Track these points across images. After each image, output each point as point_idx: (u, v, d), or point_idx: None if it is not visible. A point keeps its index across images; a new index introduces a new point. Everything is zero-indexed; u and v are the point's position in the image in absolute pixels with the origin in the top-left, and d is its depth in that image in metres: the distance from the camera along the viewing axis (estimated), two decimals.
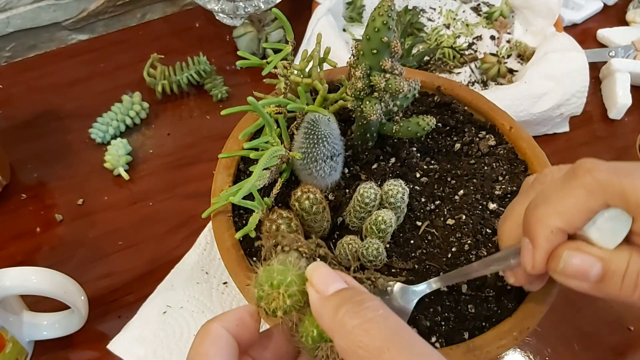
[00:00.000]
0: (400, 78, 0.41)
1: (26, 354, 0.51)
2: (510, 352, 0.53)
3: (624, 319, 0.55)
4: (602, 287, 0.29)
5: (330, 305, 0.25)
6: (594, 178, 0.29)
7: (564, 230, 0.30)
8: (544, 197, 0.31)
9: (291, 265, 0.28)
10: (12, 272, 0.45)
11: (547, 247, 0.31)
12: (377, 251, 0.39)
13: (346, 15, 0.84)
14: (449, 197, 0.46)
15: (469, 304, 0.40)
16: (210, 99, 0.75)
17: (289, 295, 0.27)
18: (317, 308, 0.26)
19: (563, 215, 0.30)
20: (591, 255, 0.29)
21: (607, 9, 0.90)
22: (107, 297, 0.56)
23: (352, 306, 0.25)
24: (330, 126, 0.41)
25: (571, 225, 0.30)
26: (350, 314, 0.24)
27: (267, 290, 0.27)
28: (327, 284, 0.26)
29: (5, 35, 0.82)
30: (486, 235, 0.44)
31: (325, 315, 0.25)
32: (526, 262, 0.32)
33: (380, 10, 0.39)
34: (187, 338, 0.51)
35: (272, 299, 0.27)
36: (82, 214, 0.63)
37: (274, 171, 0.43)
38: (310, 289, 0.27)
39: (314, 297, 0.26)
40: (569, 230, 0.30)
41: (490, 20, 0.84)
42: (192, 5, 0.92)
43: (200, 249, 0.58)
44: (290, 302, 0.27)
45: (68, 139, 0.70)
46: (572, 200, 0.30)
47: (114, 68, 0.80)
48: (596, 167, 0.29)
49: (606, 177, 0.29)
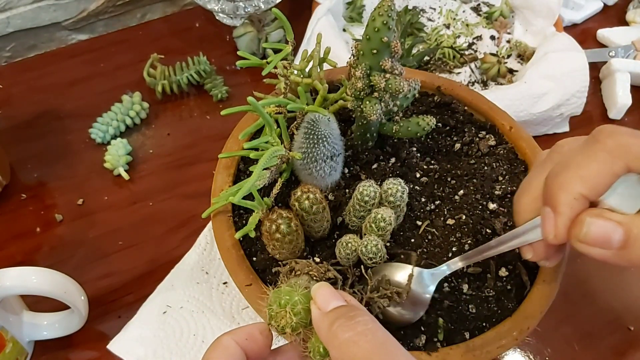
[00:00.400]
0: (400, 78, 0.41)
1: (26, 354, 0.51)
2: (510, 352, 0.53)
3: (624, 319, 0.55)
4: (624, 253, 0.29)
5: (327, 319, 0.28)
6: (615, 141, 0.29)
7: (586, 197, 0.29)
8: (565, 164, 0.31)
9: (297, 287, 0.31)
10: (12, 272, 0.45)
11: (570, 214, 0.30)
12: (376, 247, 0.39)
13: (346, 15, 0.84)
14: (449, 197, 0.46)
15: (469, 304, 0.40)
16: (210, 99, 0.75)
17: (295, 313, 0.30)
18: (316, 322, 0.29)
19: (586, 180, 0.29)
20: (613, 221, 0.29)
21: (607, 9, 0.90)
22: (107, 297, 0.56)
23: (344, 320, 0.28)
24: (330, 126, 0.41)
25: (594, 190, 0.29)
26: (342, 327, 0.27)
27: (276, 309, 0.30)
28: (327, 301, 0.30)
29: (5, 35, 0.82)
30: (486, 235, 0.44)
31: (322, 328, 0.29)
32: (548, 231, 0.31)
33: (380, 10, 0.39)
34: (187, 338, 0.51)
35: (280, 317, 0.30)
36: (82, 214, 0.63)
37: (274, 171, 0.43)
38: (313, 306, 0.30)
39: (315, 313, 0.30)
40: (591, 197, 0.30)
41: (490, 20, 0.84)
42: (192, 5, 0.92)
43: (200, 249, 0.58)
44: (296, 319, 0.30)
45: (68, 139, 0.70)
46: (594, 165, 0.29)
47: (114, 68, 0.80)
48: (617, 130, 0.29)
49: (628, 140, 0.28)
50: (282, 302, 0.30)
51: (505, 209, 0.46)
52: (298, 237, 0.40)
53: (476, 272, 0.42)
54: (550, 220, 0.31)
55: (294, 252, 0.41)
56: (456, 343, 0.38)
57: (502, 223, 0.45)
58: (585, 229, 0.29)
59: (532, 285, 0.41)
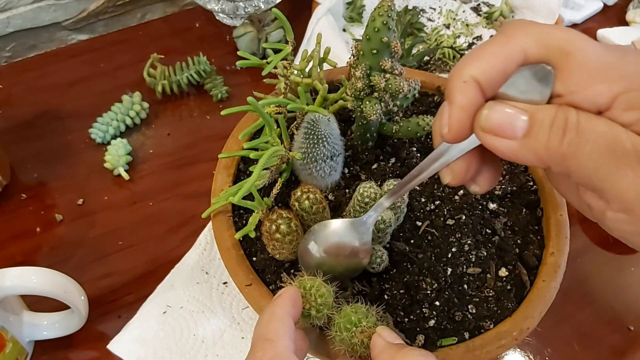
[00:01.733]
0: (400, 78, 0.41)
1: (26, 354, 0.51)
2: (510, 352, 0.53)
3: (624, 319, 0.55)
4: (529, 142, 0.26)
5: (393, 347, 0.32)
6: (515, 25, 0.27)
7: (478, 81, 0.27)
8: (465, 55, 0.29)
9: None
10: (12, 272, 0.45)
11: (462, 101, 0.27)
12: (380, 259, 0.40)
13: (346, 15, 0.84)
14: (448, 197, 0.46)
15: (469, 304, 0.40)
16: (210, 99, 0.75)
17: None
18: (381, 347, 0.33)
19: (477, 61, 0.26)
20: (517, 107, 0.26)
21: (607, 9, 0.90)
22: (107, 297, 0.56)
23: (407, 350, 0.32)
24: (330, 126, 0.41)
25: (486, 73, 0.26)
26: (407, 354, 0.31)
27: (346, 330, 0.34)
28: (393, 339, 0.33)
29: (5, 35, 0.82)
30: (486, 235, 0.44)
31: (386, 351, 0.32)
32: (442, 125, 0.28)
33: (380, 10, 0.39)
34: (187, 338, 0.51)
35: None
36: (82, 214, 0.63)
37: (274, 171, 0.43)
38: (379, 338, 0.33)
39: (381, 341, 0.33)
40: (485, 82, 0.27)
41: (490, 20, 0.84)
42: (192, 5, 0.92)
43: (200, 249, 0.58)
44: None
45: (68, 139, 0.70)
46: (488, 48, 0.27)
47: (114, 68, 0.80)
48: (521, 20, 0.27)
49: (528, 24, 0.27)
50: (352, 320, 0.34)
51: (505, 209, 0.46)
52: (298, 237, 0.40)
53: (476, 272, 0.42)
54: (444, 113, 0.28)
55: (294, 252, 0.41)
56: (456, 343, 0.38)
57: (502, 223, 0.45)
58: (486, 112, 0.27)
59: (532, 285, 0.41)
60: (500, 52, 0.26)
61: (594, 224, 0.29)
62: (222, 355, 0.51)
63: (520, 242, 0.44)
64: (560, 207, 0.44)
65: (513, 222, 0.45)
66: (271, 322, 0.32)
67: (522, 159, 0.26)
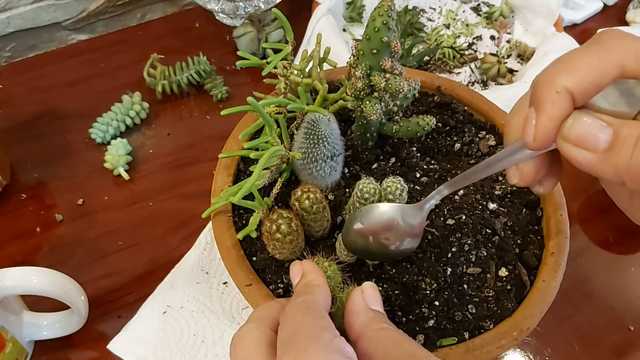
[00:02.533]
0: (400, 78, 0.41)
1: (26, 354, 0.51)
2: (510, 352, 0.53)
3: (624, 319, 0.56)
4: (609, 157, 0.26)
5: (369, 313, 0.32)
6: (614, 38, 0.26)
7: (571, 93, 0.26)
8: (555, 61, 0.28)
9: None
10: (12, 272, 0.45)
11: (552, 111, 0.26)
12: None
13: (346, 15, 0.84)
14: (448, 197, 0.46)
15: (468, 304, 0.40)
16: (210, 99, 0.75)
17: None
18: (358, 309, 0.32)
19: (573, 72, 0.26)
20: (602, 120, 0.26)
21: (607, 9, 0.90)
22: (107, 297, 0.56)
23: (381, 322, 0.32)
24: (330, 126, 0.41)
25: (581, 86, 0.26)
26: (379, 321, 0.32)
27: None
28: (374, 302, 0.33)
29: (5, 35, 0.82)
30: (486, 235, 0.44)
31: (361, 316, 0.32)
32: (527, 133, 0.28)
33: (380, 10, 0.39)
34: (187, 338, 0.51)
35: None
36: (82, 214, 0.63)
37: (274, 171, 0.43)
38: (358, 294, 0.33)
39: (360, 301, 0.33)
40: (578, 94, 0.26)
41: (490, 20, 0.84)
42: (192, 5, 0.92)
43: (200, 249, 0.58)
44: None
45: (68, 139, 0.70)
46: (586, 59, 0.26)
47: (114, 68, 0.80)
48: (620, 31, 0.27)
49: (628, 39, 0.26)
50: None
51: (505, 209, 0.46)
52: (298, 236, 0.40)
53: (476, 272, 0.42)
54: (531, 121, 0.27)
55: (294, 252, 0.41)
56: (456, 343, 0.38)
57: (502, 223, 0.45)
58: (571, 122, 0.26)
59: (532, 285, 0.41)
60: (597, 65, 0.26)
61: (594, 224, 0.29)
62: (222, 355, 0.51)
63: (520, 242, 0.44)
64: (560, 207, 0.44)
65: (513, 222, 0.45)
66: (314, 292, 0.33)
67: (599, 172, 0.26)
